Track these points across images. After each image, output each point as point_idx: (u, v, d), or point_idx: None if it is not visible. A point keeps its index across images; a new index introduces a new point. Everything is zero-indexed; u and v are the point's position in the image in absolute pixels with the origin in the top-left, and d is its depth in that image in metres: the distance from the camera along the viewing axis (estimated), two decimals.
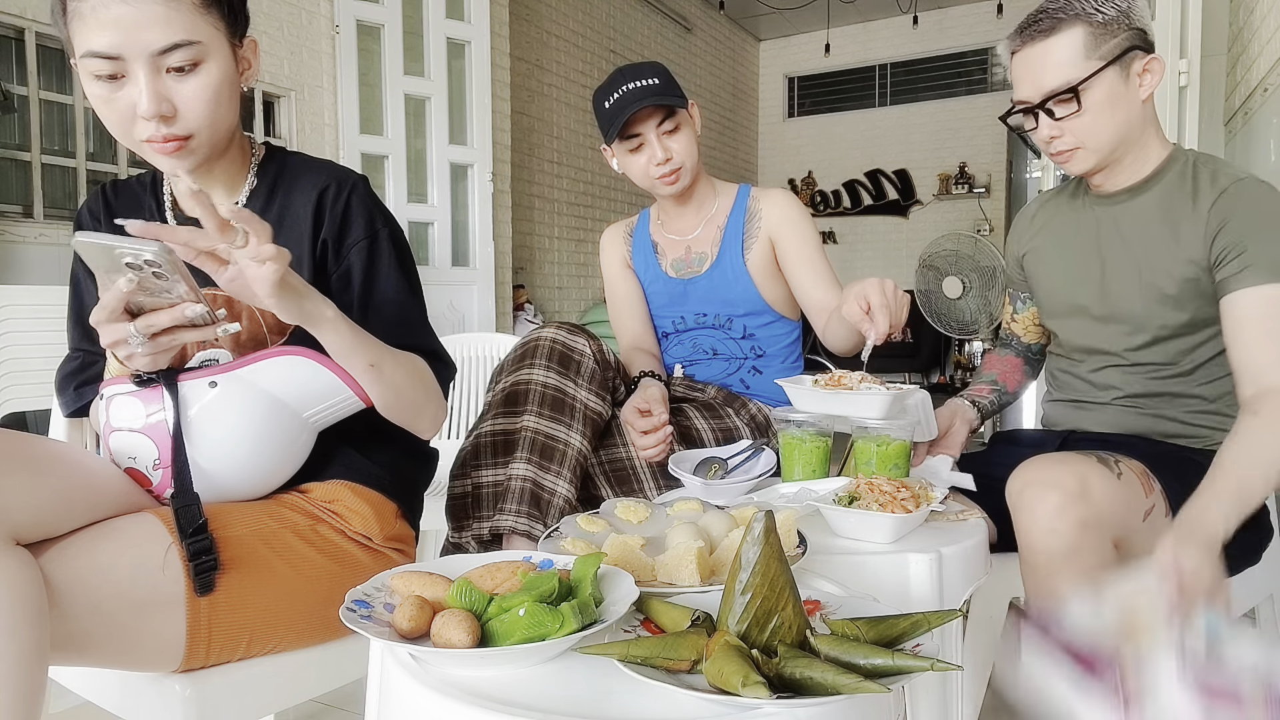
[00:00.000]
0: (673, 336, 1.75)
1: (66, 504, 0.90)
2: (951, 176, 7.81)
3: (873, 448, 1.27)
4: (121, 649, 0.89)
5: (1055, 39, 1.27)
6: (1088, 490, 1.09)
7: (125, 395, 1.00)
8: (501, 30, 4.56)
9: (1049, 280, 1.48)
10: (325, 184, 1.14)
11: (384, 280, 1.14)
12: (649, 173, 1.63)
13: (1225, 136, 2.71)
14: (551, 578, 0.74)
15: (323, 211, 1.13)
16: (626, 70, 1.61)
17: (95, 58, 0.95)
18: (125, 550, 0.90)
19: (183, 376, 1.00)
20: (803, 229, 1.66)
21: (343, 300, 1.11)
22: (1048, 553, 1.10)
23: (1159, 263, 1.31)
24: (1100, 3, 1.26)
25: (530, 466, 1.31)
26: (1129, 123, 1.30)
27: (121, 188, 1.20)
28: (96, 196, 1.20)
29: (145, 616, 0.89)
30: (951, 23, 7.75)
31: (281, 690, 1.04)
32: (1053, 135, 1.32)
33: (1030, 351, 1.62)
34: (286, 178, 1.15)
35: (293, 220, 1.13)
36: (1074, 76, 1.26)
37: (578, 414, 1.36)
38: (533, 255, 5.59)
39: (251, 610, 0.97)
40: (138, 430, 0.99)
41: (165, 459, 0.98)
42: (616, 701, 0.65)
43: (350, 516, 1.11)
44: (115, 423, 1.00)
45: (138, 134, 1.00)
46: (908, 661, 0.64)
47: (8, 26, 2.87)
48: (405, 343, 1.11)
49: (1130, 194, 1.36)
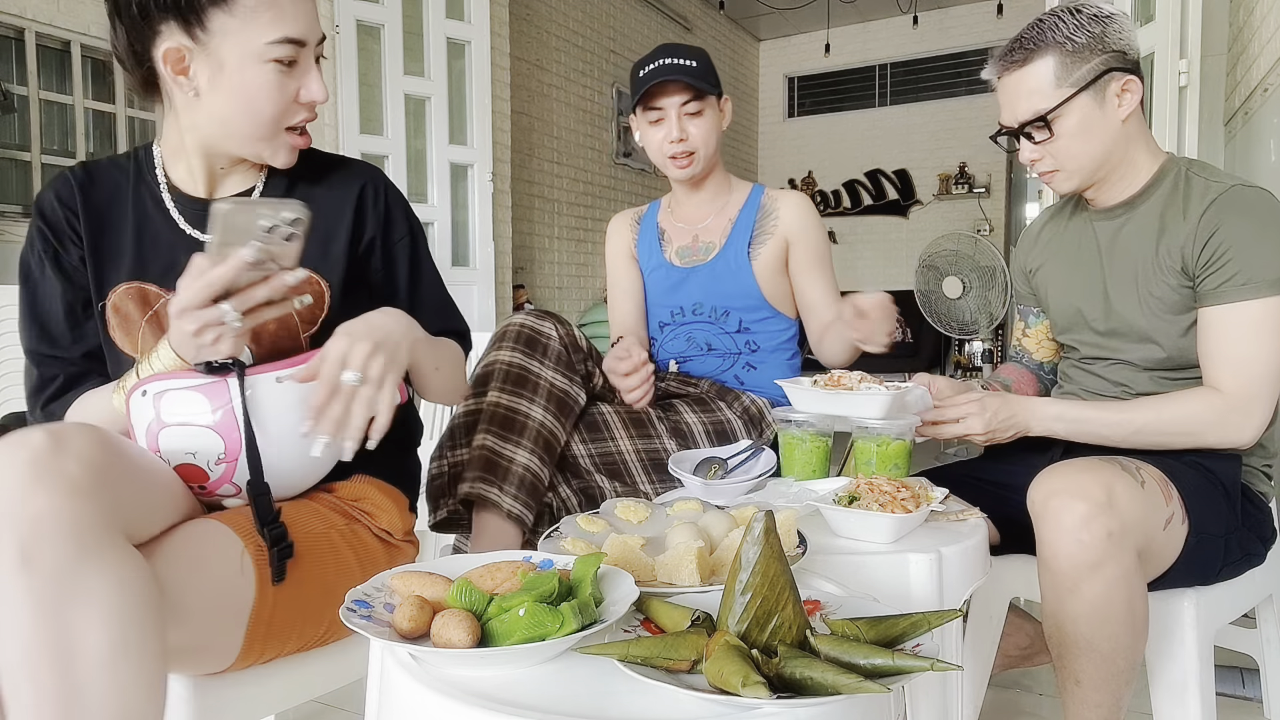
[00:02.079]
0: (669, 328, 1.76)
1: (155, 506, 0.90)
2: (951, 176, 7.80)
3: (873, 448, 1.27)
4: (192, 652, 0.90)
5: (1027, 69, 1.29)
6: (1114, 500, 1.09)
7: (184, 390, 0.96)
8: (501, 30, 4.56)
9: (1056, 295, 1.49)
10: (362, 182, 1.18)
11: (426, 272, 1.23)
12: (663, 150, 1.66)
13: (1225, 137, 2.71)
14: (551, 578, 0.74)
15: (364, 211, 1.17)
16: (670, 46, 1.64)
17: (288, 44, 1.02)
18: (208, 555, 0.91)
19: (250, 370, 0.98)
20: (818, 238, 1.70)
21: (389, 291, 1.18)
22: (1072, 563, 1.09)
23: (1157, 274, 1.31)
24: (1073, 30, 1.27)
25: (489, 437, 1.34)
26: (1107, 144, 1.31)
27: (95, 171, 1.14)
28: (66, 182, 1.11)
29: (221, 618, 0.90)
30: (952, 23, 7.74)
31: (281, 690, 1.04)
32: (1033, 158, 1.35)
33: (1043, 370, 1.62)
34: (307, 167, 1.16)
35: (321, 214, 1.12)
36: (1044, 106, 1.28)
37: (541, 390, 1.39)
38: (533, 255, 5.59)
39: (303, 611, 0.98)
40: (203, 425, 0.95)
41: (232, 453, 0.96)
42: (616, 701, 0.65)
43: (377, 514, 1.13)
44: (170, 419, 0.96)
45: (290, 118, 1.07)
46: (908, 661, 0.64)
47: (8, 26, 2.87)
48: (446, 326, 1.22)
49: (1126, 208, 1.36)
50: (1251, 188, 1.25)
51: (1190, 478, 1.23)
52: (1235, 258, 1.21)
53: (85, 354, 1.11)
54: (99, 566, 0.75)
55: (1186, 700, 1.22)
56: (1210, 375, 1.26)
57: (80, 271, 1.10)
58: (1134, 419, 1.28)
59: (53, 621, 0.73)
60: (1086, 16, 1.27)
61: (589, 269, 6.18)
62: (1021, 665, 1.67)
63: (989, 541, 1.20)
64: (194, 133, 1.08)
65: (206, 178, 1.12)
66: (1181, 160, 1.35)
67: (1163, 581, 1.22)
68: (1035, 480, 1.16)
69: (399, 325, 0.99)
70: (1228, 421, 1.24)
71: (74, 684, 0.73)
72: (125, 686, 0.75)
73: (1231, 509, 1.27)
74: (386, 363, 0.94)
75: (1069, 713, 1.17)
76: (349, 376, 0.91)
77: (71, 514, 0.75)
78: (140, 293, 1.09)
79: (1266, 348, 1.21)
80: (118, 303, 1.09)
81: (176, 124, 1.09)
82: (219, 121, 1.05)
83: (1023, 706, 1.75)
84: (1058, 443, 1.40)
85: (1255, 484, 1.34)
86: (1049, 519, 1.11)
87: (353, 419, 0.92)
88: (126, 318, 1.09)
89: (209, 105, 1.04)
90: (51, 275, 1.10)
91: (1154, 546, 1.16)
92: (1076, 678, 1.14)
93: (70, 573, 0.74)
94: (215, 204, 0.90)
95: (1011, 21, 6.79)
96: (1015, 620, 1.59)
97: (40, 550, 0.73)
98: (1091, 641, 1.11)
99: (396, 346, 0.96)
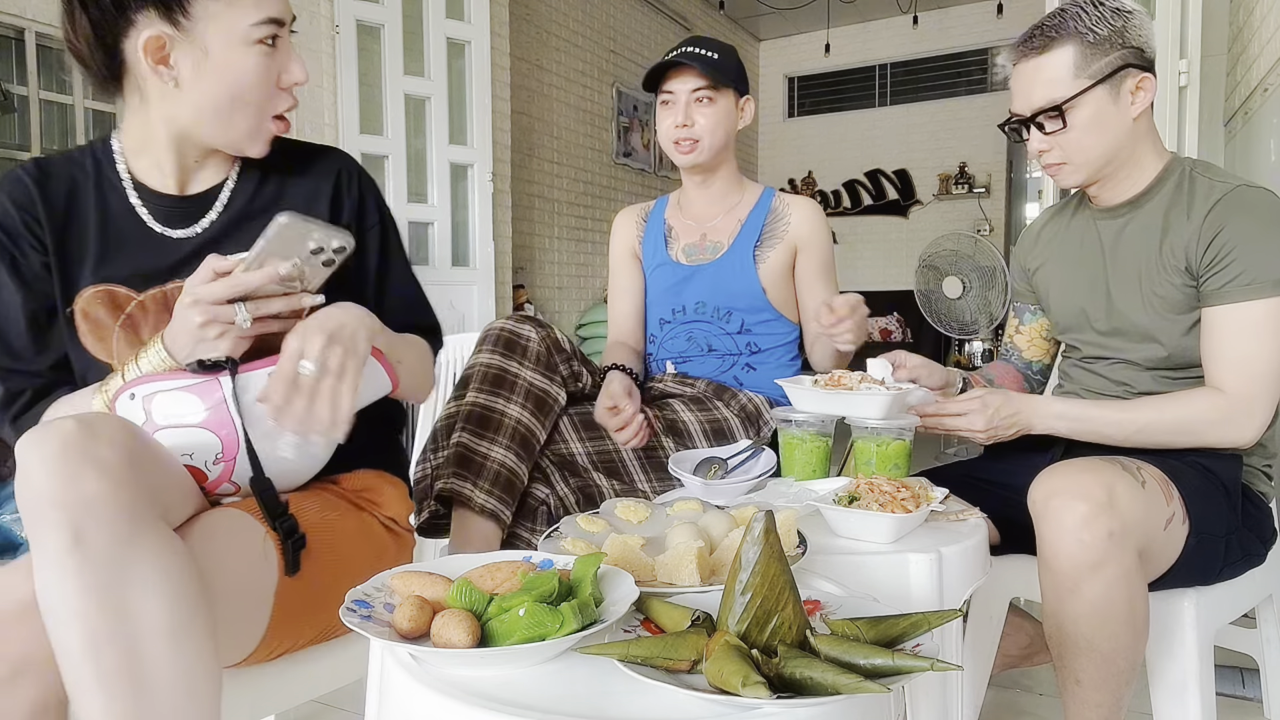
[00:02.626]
0: (670, 326, 1.76)
1: (181, 493, 0.91)
2: (951, 176, 7.80)
3: (873, 448, 1.27)
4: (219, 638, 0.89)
5: (1047, 56, 1.28)
6: (1115, 500, 1.09)
7: (174, 391, 0.95)
8: (501, 30, 4.56)
9: (1058, 295, 1.48)
10: (336, 168, 1.17)
11: (395, 262, 1.21)
12: (669, 134, 1.67)
13: (1225, 137, 2.71)
14: (551, 578, 0.74)
15: (340, 197, 1.16)
16: (698, 38, 1.67)
17: (271, 24, 1.02)
18: (233, 540, 0.91)
19: (244, 368, 0.97)
20: (826, 247, 1.71)
21: (358, 280, 1.16)
22: (1073, 563, 1.09)
23: (1160, 274, 1.31)
24: (1095, 21, 1.26)
25: (465, 435, 1.36)
26: (1117, 140, 1.30)
27: (50, 168, 1.09)
28: (19, 182, 1.06)
29: (245, 604, 0.91)
30: (951, 23, 7.74)
31: (281, 690, 1.04)
32: (1041, 149, 1.34)
33: (1030, 369, 1.62)
34: (278, 160, 1.15)
35: (297, 205, 1.11)
36: (1060, 95, 1.28)
37: (519, 389, 1.39)
38: (533, 255, 5.59)
39: (323, 599, 0.98)
40: (196, 425, 0.95)
41: (229, 452, 0.96)
42: (616, 701, 0.65)
43: (383, 503, 1.14)
44: (162, 420, 0.95)
45: (278, 105, 1.07)
46: (908, 661, 0.64)
47: (8, 26, 2.87)
48: (413, 320, 1.19)
49: (1130, 207, 1.36)
50: (1256, 188, 1.25)
51: (1191, 478, 1.23)
52: (1239, 258, 1.21)
53: (51, 365, 1.07)
54: (149, 547, 0.76)
55: (1186, 700, 1.22)
56: (1212, 375, 1.26)
57: (42, 278, 1.06)
58: (1136, 418, 1.28)
59: (111, 603, 0.74)
60: (1109, 10, 1.27)
61: (589, 269, 6.18)
62: (1021, 665, 1.67)
63: (989, 541, 1.20)
64: (169, 124, 1.05)
65: (177, 172, 1.09)
66: (1186, 160, 1.35)
67: (1163, 581, 1.22)
68: (1036, 480, 1.16)
69: (354, 316, 0.97)
70: (1229, 421, 1.24)
71: (139, 661, 0.74)
72: (190, 663, 0.76)
73: (1232, 509, 1.27)
74: (344, 352, 0.92)
75: (1069, 713, 1.17)
76: (306, 367, 0.90)
77: (118, 497, 0.75)
78: (109, 295, 1.06)
79: (1268, 348, 1.22)
80: (86, 307, 1.05)
81: (145, 116, 1.05)
82: (201, 110, 1.03)
83: (1023, 706, 1.75)
84: (1058, 442, 1.39)
85: (1255, 484, 1.34)
86: (1050, 519, 1.11)
87: (317, 413, 0.90)
88: (97, 323, 1.05)
89: (191, 95, 1.02)
90: (10, 284, 1.05)
91: (1155, 546, 1.16)
92: (1077, 677, 1.14)
93: (123, 555, 0.75)
94: (277, 215, 0.91)
95: (1011, 21, 6.79)
96: (1015, 620, 1.59)
97: (92, 533, 0.74)
98: (1092, 641, 1.11)
99: (354, 336, 0.94)
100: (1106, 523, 1.08)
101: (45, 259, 1.06)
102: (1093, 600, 1.09)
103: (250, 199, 1.12)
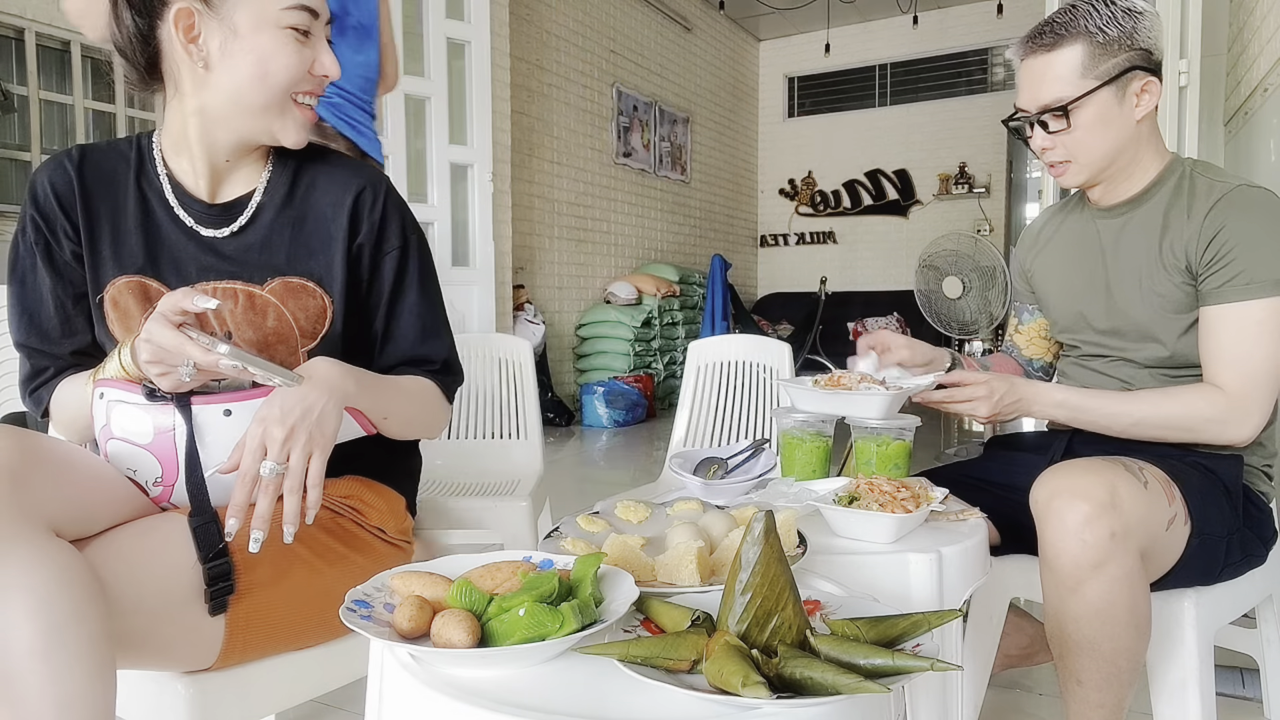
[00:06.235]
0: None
1: (89, 505, 0.90)
2: (951, 176, 7.80)
3: (873, 448, 1.27)
4: (162, 647, 0.89)
5: (1056, 54, 1.28)
6: (1117, 500, 1.09)
7: (131, 406, 0.97)
8: (501, 30, 4.56)
9: (1057, 295, 1.48)
10: (360, 187, 1.14)
11: (410, 291, 1.17)
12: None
13: (1225, 136, 2.70)
14: (551, 578, 0.74)
15: (359, 217, 1.13)
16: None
17: (301, 10, 1.03)
18: (164, 547, 0.90)
19: (196, 399, 0.97)
20: None
21: (369, 305, 1.15)
22: (1075, 563, 1.09)
23: (1160, 273, 1.31)
24: (1105, 21, 1.26)
25: None
26: (1121, 142, 1.30)
27: (93, 156, 1.10)
28: (61, 168, 1.08)
29: (187, 612, 0.89)
30: (951, 23, 7.75)
31: (281, 690, 1.04)
32: (1045, 147, 1.34)
33: (1032, 366, 1.62)
34: (308, 171, 1.14)
35: (321, 220, 1.12)
36: (1066, 94, 1.27)
37: None
38: (533, 255, 5.59)
39: (289, 605, 0.97)
40: (142, 446, 0.96)
41: (169, 478, 0.97)
42: (616, 701, 0.65)
43: (368, 511, 1.12)
44: (117, 431, 0.97)
45: (300, 87, 1.07)
46: (908, 661, 0.64)
47: (8, 26, 2.87)
48: (420, 353, 1.17)
49: (1130, 206, 1.36)
50: (1256, 188, 1.25)
51: (1193, 478, 1.23)
52: (1239, 257, 1.22)
53: (74, 350, 1.10)
54: (19, 558, 0.75)
55: (1186, 700, 1.22)
56: (1211, 373, 1.26)
57: (72, 267, 1.08)
58: (1133, 411, 1.28)
59: None
60: (1120, 9, 1.26)
61: (589, 269, 6.18)
62: (1021, 665, 1.67)
63: (989, 541, 1.20)
64: (200, 116, 1.05)
65: (209, 175, 1.10)
66: (1186, 160, 1.35)
67: (1164, 582, 1.22)
68: (1038, 480, 1.16)
69: (323, 390, 0.94)
70: (1227, 419, 1.24)
71: (7, 675, 0.73)
72: (61, 674, 0.74)
73: (1233, 509, 1.27)
74: (307, 442, 0.90)
75: (1070, 713, 1.17)
76: (268, 469, 0.88)
77: None
78: (141, 287, 1.08)
79: (1267, 347, 1.22)
80: (116, 296, 1.07)
81: (181, 110, 1.06)
82: (229, 93, 1.03)
83: (1023, 706, 1.75)
84: (1058, 442, 1.39)
85: (1256, 484, 1.34)
86: (1052, 519, 1.11)
87: (286, 508, 0.89)
88: (126, 312, 1.07)
89: (219, 76, 1.02)
90: (42, 269, 1.08)
91: (1156, 547, 1.16)
92: (1078, 678, 1.14)
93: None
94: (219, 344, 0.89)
95: (1011, 21, 6.79)
96: (1015, 620, 1.59)
97: None
98: (1093, 641, 1.11)
99: (321, 417, 0.92)
100: (1109, 523, 1.08)
101: (77, 248, 1.08)
102: (1094, 600, 1.09)
103: (278, 212, 1.12)
